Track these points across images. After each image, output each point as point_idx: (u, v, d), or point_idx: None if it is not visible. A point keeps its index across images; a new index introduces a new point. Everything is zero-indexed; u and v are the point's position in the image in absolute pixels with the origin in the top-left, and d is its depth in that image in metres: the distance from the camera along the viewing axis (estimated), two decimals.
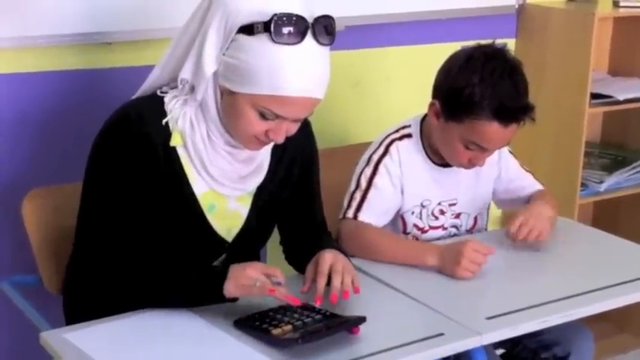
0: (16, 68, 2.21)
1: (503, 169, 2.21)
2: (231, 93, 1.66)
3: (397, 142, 2.10)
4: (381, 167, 2.08)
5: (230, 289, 1.64)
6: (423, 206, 2.12)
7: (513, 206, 2.27)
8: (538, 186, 2.23)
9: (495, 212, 2.54)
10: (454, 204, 2.15)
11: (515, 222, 2.02)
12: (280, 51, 1.60)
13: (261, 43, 1.61)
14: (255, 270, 1.65)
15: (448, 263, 1.89)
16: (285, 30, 1.59)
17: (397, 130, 2.12)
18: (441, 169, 2.12)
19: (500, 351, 2.16)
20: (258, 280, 1.63)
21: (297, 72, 1.61)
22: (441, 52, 2.09)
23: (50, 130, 2.28)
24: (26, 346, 2.19)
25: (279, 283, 1.65)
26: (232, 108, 1.68)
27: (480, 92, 1.93)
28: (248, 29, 1.62)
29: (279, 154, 1.85)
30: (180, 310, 1.69)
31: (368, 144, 2.15)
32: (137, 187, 1.71)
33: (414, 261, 1.94)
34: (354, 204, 2.06)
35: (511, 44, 2.96)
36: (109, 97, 1.99)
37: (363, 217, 2.05)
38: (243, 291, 1.64)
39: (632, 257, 2.07)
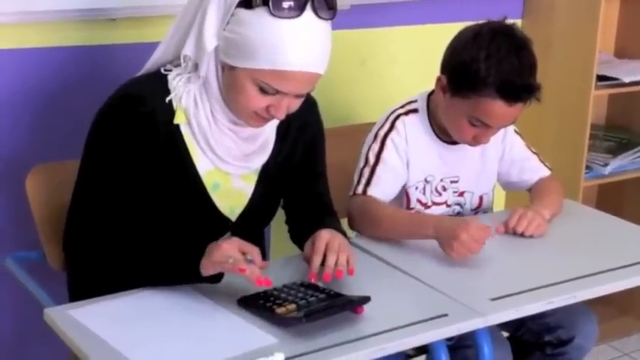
0: (19, 44, 2.20)
1: (507, 149, 2.19)
2: (232, 68, 1.66)
3: (403, 117, 2.09)
4: (388, 142, 2.07)
5: (205, 265, 1.61)
6: (426, 182, 2.11)
7: (518, 188, 2.26)
8: (544, 170, 2.22)
9: (501, 193, 2.54)
10: (456, 181, 2.13)
11: (513, 215, 2.00)
12: (279, 25, 1.59)
13: (260, 17, 1.60)
14: (231, 246, 1.61)
15: (443, 239, 1.86)
16: (285, 4, 1.58)
17: (403, 106, 2.12)
18: (447, 145, 2.11)
19: (503, 334, 2.16)
20: (232, 257, 1.59)
21: (297, 46, 1.60)
22: (447, 31, 2.07)
23: (54, 106, 2.27)
24: (30, 322, 2.20)
25: (251, 261, 1.61)
26: (233, 83, 1.67)
27: (485, 69, 1.92)
28: (247, 3, 1.61)
29: (284, 133, 1.84)
30: (183, 287, 1.67)
31: (374, 123, 2.14)
32: (137, 165, 1.70)
33: (415, 234, 1.92)
34: (363, 180, 2.05)
35: (517, 24, 2.94)
36: (113, 74, 1.98)
37: (371, 192, 2.04)
38: (216, 268, 1.61)
39: (636, 240, 2.06)
